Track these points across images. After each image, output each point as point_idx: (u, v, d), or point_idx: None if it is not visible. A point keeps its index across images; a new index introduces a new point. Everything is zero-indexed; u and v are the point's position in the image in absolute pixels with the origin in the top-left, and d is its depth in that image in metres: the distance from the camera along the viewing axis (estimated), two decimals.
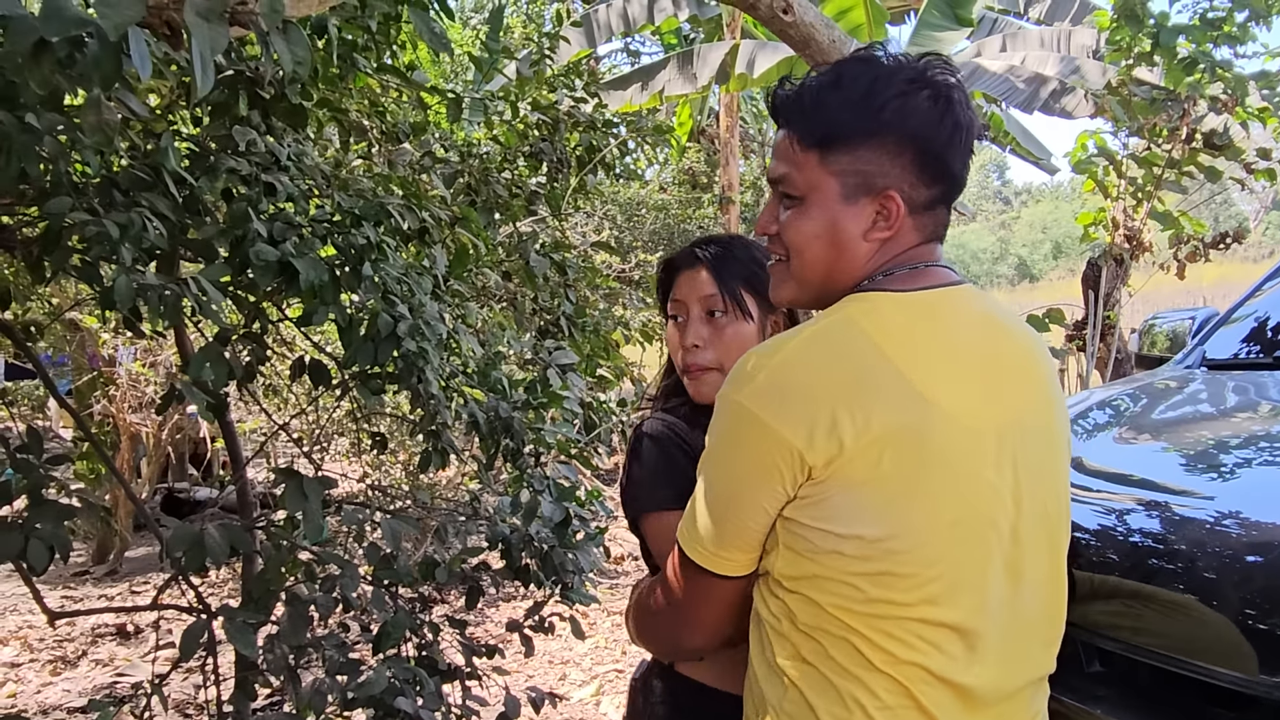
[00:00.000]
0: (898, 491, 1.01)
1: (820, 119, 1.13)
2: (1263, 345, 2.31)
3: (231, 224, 1.93)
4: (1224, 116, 4.61)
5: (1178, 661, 1.25)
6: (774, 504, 1.05)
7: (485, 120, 3.30)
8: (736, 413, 1.06)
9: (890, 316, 1.07)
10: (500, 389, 2.24)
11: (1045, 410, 1.14)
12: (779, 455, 1.02)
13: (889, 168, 1.10)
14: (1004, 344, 1.13)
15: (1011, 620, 1.08)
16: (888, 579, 1.01)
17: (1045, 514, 1.11)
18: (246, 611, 1.95)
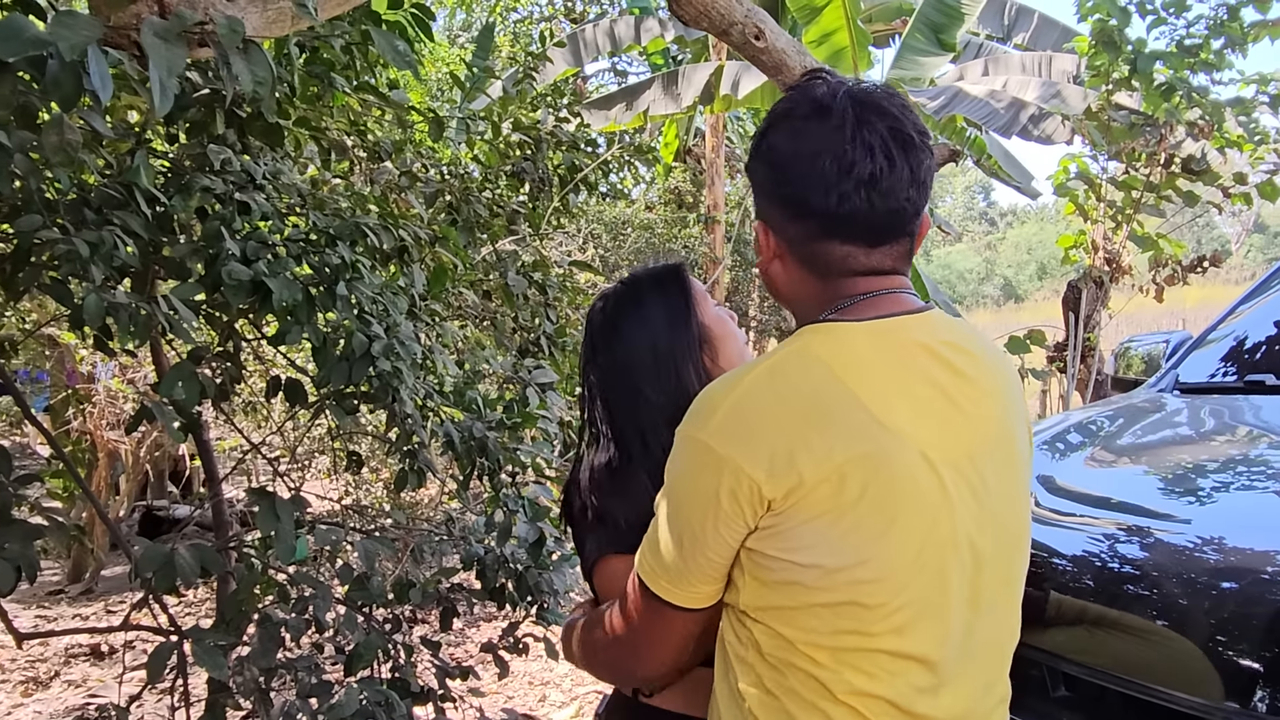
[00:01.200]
0: (859, 521, 1.00)
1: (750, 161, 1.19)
2: (1234, 369, 2.33)
3: (205, 242, 1.92)
4: (1201, 142, 4.67)
5: (1144, 687, 1.25)
6: (735, 536, 1.04)
7: (468, 140, 3.31)
8: (694, 447, 1.05)
9: (848, 345, 1.06)
10: (475, 409, 2.23)
11: (1007, 435, 1.13)
12: (738, 488, 1.01)
13: (761, 201, 1.15)
14: (966, 369, 1.11)
15: (972, 647, 1.07)
16: (853, 610, 1.01)
17: (1005, 540, 1.11)
18: (216, 633, 1.93)
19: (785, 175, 1.09)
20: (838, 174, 1.05)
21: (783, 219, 1.11)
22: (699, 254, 9.21)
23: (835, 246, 1.09)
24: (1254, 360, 2.32)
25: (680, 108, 7.24)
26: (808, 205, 1.07)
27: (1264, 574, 1.34)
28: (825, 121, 1.06)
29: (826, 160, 1.05)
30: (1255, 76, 4.68)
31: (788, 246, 1.12)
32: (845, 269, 1.10)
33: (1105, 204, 4.98)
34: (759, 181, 1.14)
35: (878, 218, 1.08)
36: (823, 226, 1.08)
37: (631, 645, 1.17)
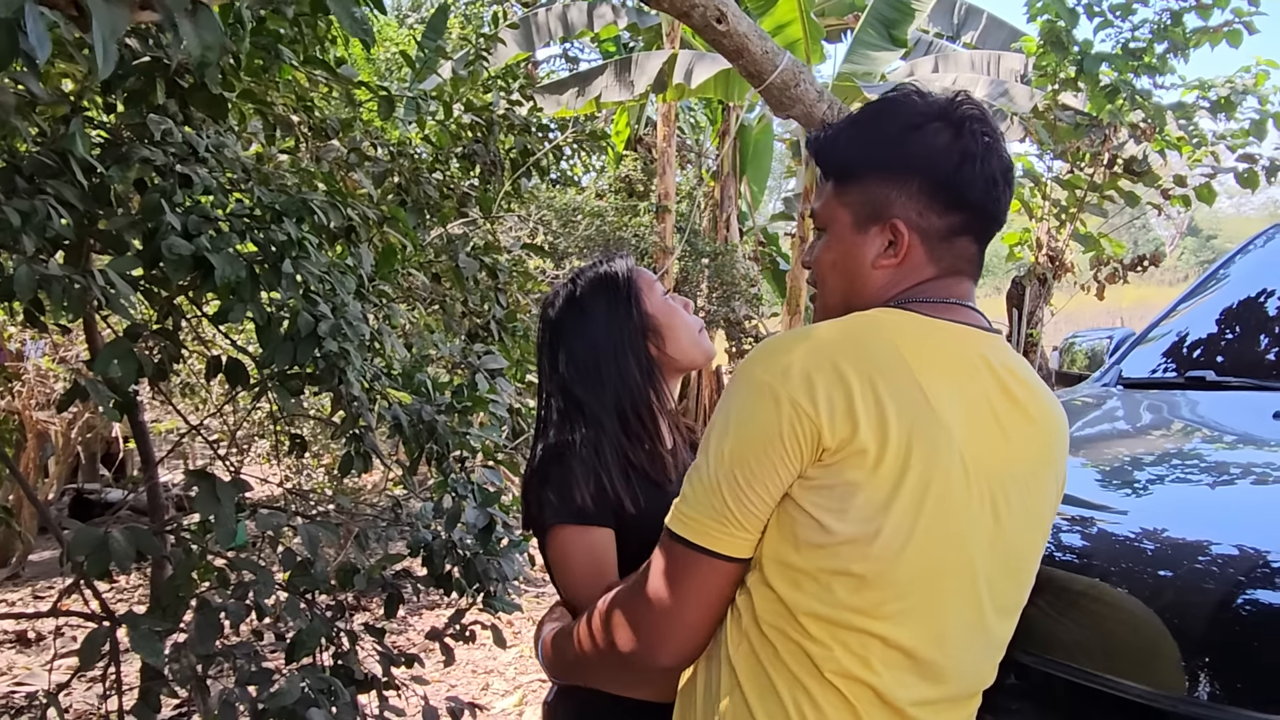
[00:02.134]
0: (895, 497, 1.01)
1: (835, 155, 1.21)
2: (1175, 365, 2.38)
3: (144, 215, 1.86)
4: (1143, 144, 4.77)
5: (1091, 676, 1.27)
6: (788, 477, 1.04)
7: (418, 119, 3.25)
8: (758, 387, 1.05)
9: (919, 335, 1.09)
10: (425, 392, 2.19)
11: (1040, 472, 1.15)
12: (799, 427, 1.01)
13: (895, 196, 1.15)
14: (1019, 395, 1.13)
15: (964, 658, 1.09)
16: (860, 585, 1.01)
17: (1012, 570, 1.13)
18: (152, 619, 1.87)
19: (942, 160, 1.14)
20: (996, 176, 1.15)
21: (931, 210, 1.15)
22: (649, 243, 9.19)
23: (968, 244, 1.17)
24: (1194, 357, 2.38)
25: (633, 95, 7.21)
26: (965, 198, 1.14)
27: (1198, 564, 1.37)
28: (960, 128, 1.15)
29: (981, 161, 1.13)
30: (1196, 82, 4.80)
31: (921, 239, 1.15)
32: (963, 270, 1.18)
33: (1050, 202, 5.07)
34: (894, 175, 1.16)
35: (999, 224, 1.19)
36: (966, 222, 1.16)
37: (657, 619, 1.11)
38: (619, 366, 1.55)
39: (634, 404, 1.55)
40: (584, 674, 1.29)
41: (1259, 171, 4.75)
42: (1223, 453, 1.87)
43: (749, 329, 9.80)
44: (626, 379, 1.55)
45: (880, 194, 1.16)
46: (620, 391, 1.55)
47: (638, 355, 1.57)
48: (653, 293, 1.61)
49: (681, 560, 1.09)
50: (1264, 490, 1.64)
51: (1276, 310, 2.39)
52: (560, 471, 1.49)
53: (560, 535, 1.46)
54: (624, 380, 1.55)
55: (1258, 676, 1.15)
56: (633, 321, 1.58)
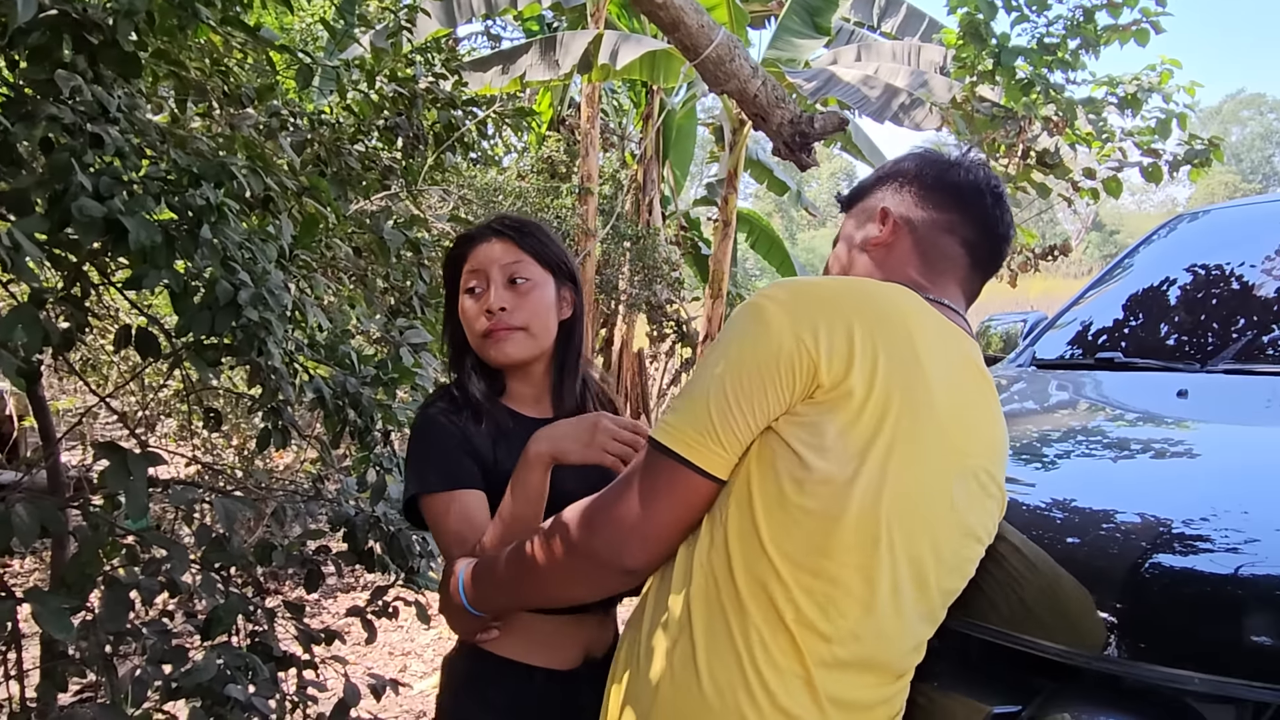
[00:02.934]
0: (872, 444, 1.05)
1: (851, 193, 1.39)
2: (1086, 347, 2.48)
3: (51, 175, 1.77)
4: (1056, 138, 4.94)
5: (1005, 635, 1.32)
6: (777, 407, 1.07)
7: (339, 89, 3.17)
8: (763, 315, 1.09)
9: (920, 307, 1.15)
10: (349, 364, 2.14)
11: (998, 461, 1.23)
12: (797, 359, 1.05)
13: (888, 194, 1.32)
14: (987, 395, 1.22)
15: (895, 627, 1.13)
16: (832, 528, 1.05)
17: (960, 557, 1.20)
18: (59, 596, 1.80)
19: (930, 167, 1.31)
20: (990, 194, 1.29)
21: (920, 205, 1.29)
22: (571, 225, 9.14)
23: (954, 245, 1.27)
24: (1103, 340, 2.48)
25: (558, 74, 7.14)
26: (953, 199, 1.28)
27: (1102, 531, 1.43)
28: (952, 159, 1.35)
29: (967, 171, 1.31)
30: (1105, 79, 4.98)
31: (909, 228, 1.28)
32: (951, 269, 1.27)
33: None
34: (891, 185, 1.33)
35: (996, 241, 1.30)
36: (957, 222, 1.28)
37: (628, 520, 1.13)
38: (447, 319, 1.70)
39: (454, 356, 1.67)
40: (528, 584, 1.27)
41: (1163, 167, 4.97)
42: (1129, 429, 1.96)
43: (670, 312, 9.85)
44: (451, 333, 1.69)
45: (877, 196, 1.33)
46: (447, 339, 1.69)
47: (451, 322, 1.69)
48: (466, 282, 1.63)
49: (658, 467, 1.12)
50: (1167, 464, 1.72)
51: (1179, 296, 2.51)
52: (422, 444, 1.56)
53: (428, 503, 1.51)
54: (449, 333, 1.70)
55: (1164, 635, 1.21)
56: (450, 292, 1.70)
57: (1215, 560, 1.28)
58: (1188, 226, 2.93)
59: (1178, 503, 1.45)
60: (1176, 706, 1.17)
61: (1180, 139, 5.12)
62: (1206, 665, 1.15)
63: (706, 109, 13.11)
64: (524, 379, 1.65)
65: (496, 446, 1.55)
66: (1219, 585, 1.23)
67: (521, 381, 1.65)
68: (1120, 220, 46.77)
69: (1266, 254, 2.50)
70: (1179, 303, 2.49)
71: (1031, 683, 1.28)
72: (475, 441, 1.54)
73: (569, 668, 1.55)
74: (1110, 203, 5.10)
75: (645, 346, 9.93)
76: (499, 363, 1.61)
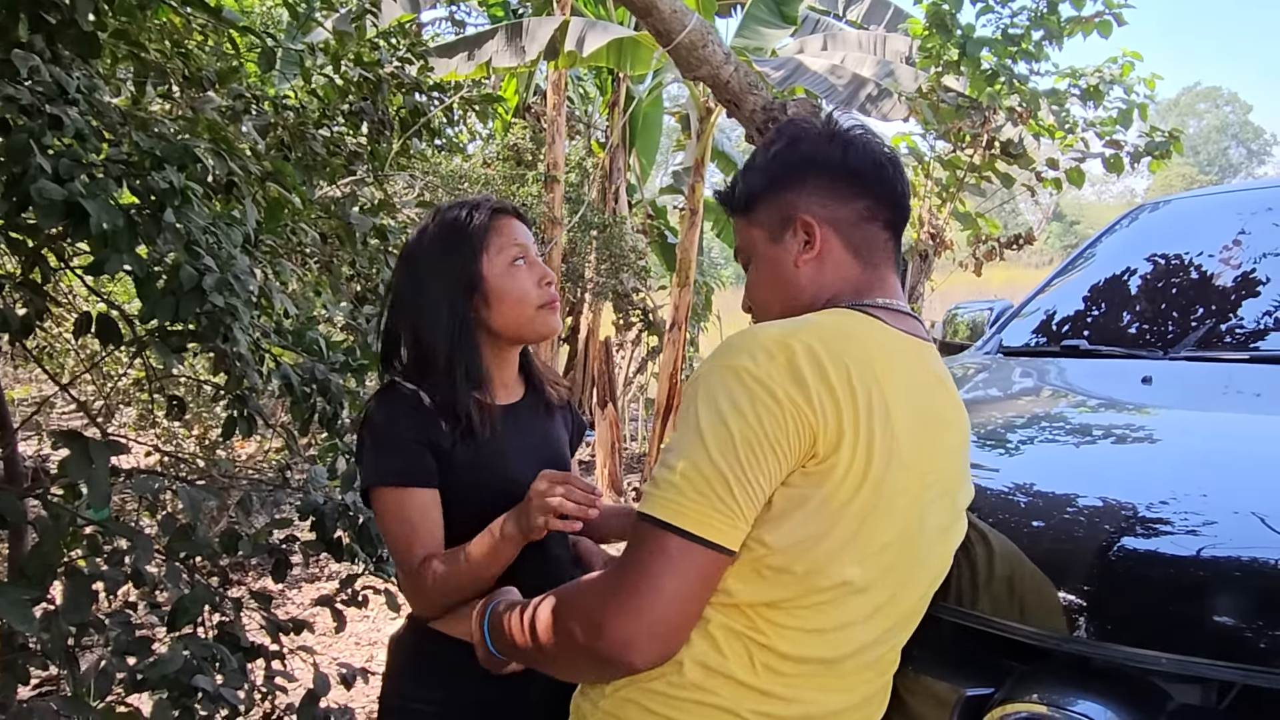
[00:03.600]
0: (847, 507, 1.05)
1: (738, 194, 1.29)
2: (1051, 335, 2.51)
3: (9, 158, 1.73)
4: (1019, 128, 4.99)
5: (977, 619, 1.33)
6: (781, 476, 1.05)
7: (303, 73, 3.12)
8: (752, 380, 1.04)
9: (884, 344, 1.13)
10: (316, 350, 2.12)
11: (957, 470, 1.23)
12: (801, 429, 1.03)
13: (795, 198, 1.22)
14: (947, 404, 1.21)
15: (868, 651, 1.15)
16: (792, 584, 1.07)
17: (935, 563, 1.21)
18: (20, 587, 1.76)
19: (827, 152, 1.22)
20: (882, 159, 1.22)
21: (834, 200, 1.21)
22: (537, 213, 9.09)
23: (879, 231, 1.22)
24: (1068, 327, 2.51)
25: (524, 61, 7.09)
26: (860, 178, 1.21)
27: (1071, 514, 1.45)
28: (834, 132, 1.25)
29: (862, 146, 1.22)
30: (1068, 70, 5.04)
31: (834, 229, 1.21)
32: (884, 259, 1.23)
33: (932, 181, 5.25)
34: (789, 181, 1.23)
35: (906, 211, 1.25)
36: (871, 206, 1.21)
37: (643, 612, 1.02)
38: (432, 312, 1.55)
39: (436, 352, 1.54)
40: (536, 660, 1.21)
41: (1124, 158, 5.04)
42: (1095, 415, 1.99)
43: (636, 301, 9.84)
44: (434, 326, 1.54)
45: (783, 201, 1.22)
46: (423, 334, 1.55)
47: (454, 307, 1.55)
48: (499, 254, 1.57)
49: (678, 552, 1.02)
50: (1133, 449, 1.75)
51: (1142, 284, 2.55)
52: (374, 432, 1.51)
53: (380, 496, 1.48)
54: (431, 326, 1.55)
55: (1132, 616, 1.23)
56: (458, 273, 1.55)
57: (1180, 542, 1.31)
58: (1149, 216, 2.98)
59: (1144, 486, 1.48)
60: (1144, 686, 1.19)
61: (1141, 131, 5.20)
62: (1173, 645, 1.17)
63: (672, 98, 13.08)
64: (507, 365, 1.63)
65: (459, 442, 1.51)
66: (1185, 567, 1.25)
67: (504, 368, 1.63)
68: (1080, 211, 47.49)
69: (1225, 243, 2.55)
70: (1142, 291, 2.53)
71: (1003, 665, 1.30)
72: (434, 435, 1.50)
73: None
74: (1071, 193, 5.19)
75: (612, 335, 9.91)
76: (543, 335, 1.60)
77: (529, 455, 1.58)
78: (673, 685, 1.09)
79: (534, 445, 1.62)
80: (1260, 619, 1.16)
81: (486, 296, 1.55)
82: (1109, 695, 1.17)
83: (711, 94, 7.72)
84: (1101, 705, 1.15)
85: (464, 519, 1.50)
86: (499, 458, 1.54)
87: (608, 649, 1.03)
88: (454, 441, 1.51)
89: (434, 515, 1.48)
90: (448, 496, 1.51)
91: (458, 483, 1.51)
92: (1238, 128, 64.41)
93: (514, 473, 1.52)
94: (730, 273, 16.92)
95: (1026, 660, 1.29)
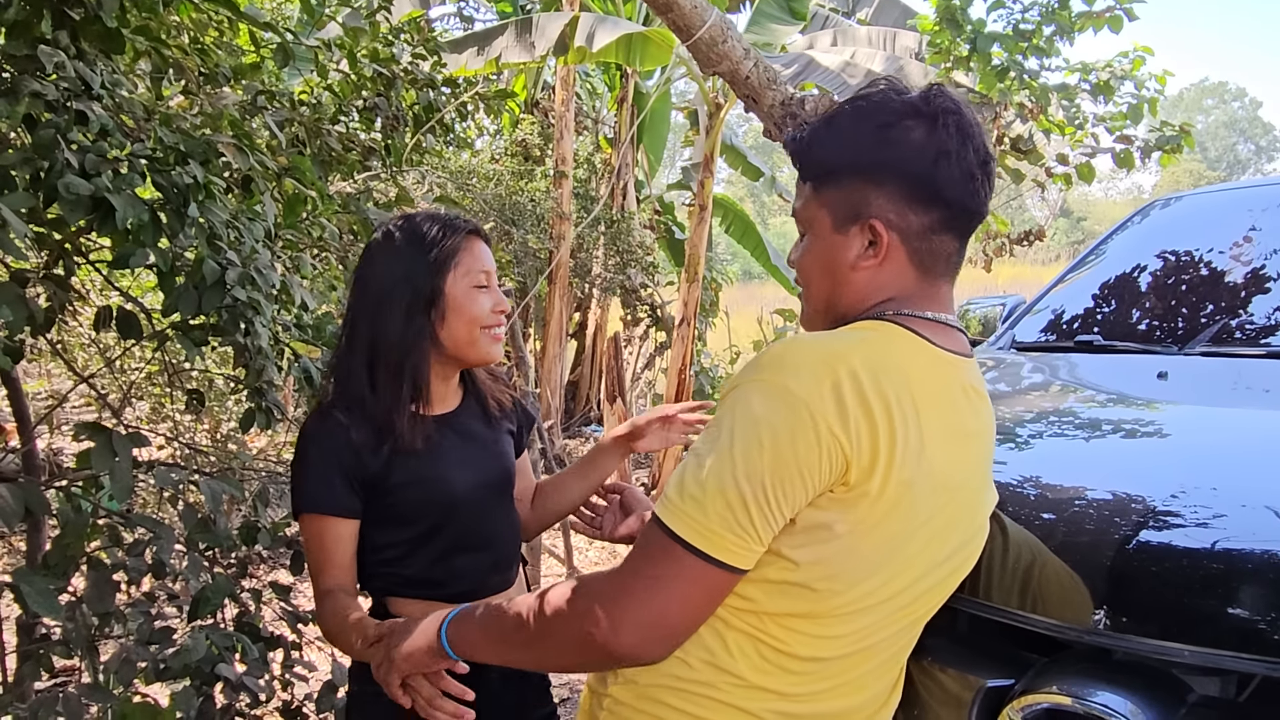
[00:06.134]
0: (874, 530, 1.05)
1: (812, 157, 1.20)
2: (1065, 330, 2.52)
3: (36, 152, 1.74)
4: (1029, 124, 4.98)
5: (998, 610, 1.35)
6: (808, 499, 1.04)
7: (319, 69, 3.13)
8: (792, 402, 1.01)
9: (923, 363, 1.11)
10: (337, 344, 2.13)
11: (982, 480, 1.21)
12: (835, 456, 1.01)
13: (873, 197, 1.15)
14: (980, 425, 1.19)
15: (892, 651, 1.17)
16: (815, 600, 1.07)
17: (955, 569, 1.19)
18: (46, 578, 1.78)
19: (917, 159, 1.12)
20: (974, 169, 1.13)
21: (905, 208, 1.14)
22: (545, 208, 9.11)
23: (948, 241, 1.17)
24: (1082, 322, 2.52)
25: (534, 56, 7.09)
26: (942, 194, 1.13)
27: (1095, 506, 1.45)
28: (935, 124, 1.13)
29: (957, 156, 1.12)
30: (1079, 65, 5.03)
31: (902, 238, 1.15)
32: (945, 270, 1.18)
33: None
34: (870, 175, 1.15)
35: (980, 218, 1.18)
36: (946, 219, 1.15)
37: (653, 622, 1.05)
38: (385, 315, 1.57)
39: (389, 356, 1.56)
40: (526, 655, 1.19)
41: (1134, 153, 5.03)
42: (1112, 410, 1.99)
43: (644, 297, 9.84)
44: (386, 330, 1.57)
45: (858, 194, 1.15)
46: (379, 337, 1.57)
47: (410, 316, 1.57)
48: (465, 275, 1.60)
49: (690, 567, 1.03)
50: (1153, 443, 1.75)
51: (1155, 280, 2.55)
52: (304, 462, 1.54)
53: (304, 521, 1.54)
54: (382, 329, 1.57)
55: (1155, 608, 1.24)
56: (424, 285, 1.57)
57: (1202, 536, 1.32)
58: (1161, 212, 2.98)
59: (1165, 480, 1.48)
60: (1165, 678, 1.21)
61: (1151, 125, 5.19)
62: (1196, 638, 1.18)
63: (680, 93, 13.09)
64: (446, 380, 1.67)
65: (393, 461, 1.56)
66: (1209, 560, 1.26)
67: (445, 381, 1.66)
68: (1087, 207, 47.36)
69: (1237, 239, 2.55)
70: (1155, 287, 2.53)
71: (1024, 657, 1.31)
72: (364, 458, 1.55)
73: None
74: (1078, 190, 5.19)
75: (620, 330, 9.92)
76: (484, 360, 1.63)
77: (469, 465, 1.64)
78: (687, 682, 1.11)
79: (473, 454, 1.66)
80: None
81: (443, 312, 1.58)
82: (1130, 687, 1.18)
83: (724, 89, 7.71)
84: (1122, 697, 1.16)
85: (410, 535, 1.58)
86: (435, 469, 1.59)
87: (616, 645, 1.05)
88: (387, 461, 1.55)
89: (346, 547, 1.54)
90: (392, 513, 1.56)
91: (399, 501, 1.56)
92: (1246, 124, 64.13)
93: (454, 483, 1.59)
94: (738, 269, 16.90)
95: (1047, 652, 1.30)
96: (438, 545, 1.59)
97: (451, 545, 1.60)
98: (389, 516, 1.56)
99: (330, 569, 1.53)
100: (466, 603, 1.29)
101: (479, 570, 1.64)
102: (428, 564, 1.59)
